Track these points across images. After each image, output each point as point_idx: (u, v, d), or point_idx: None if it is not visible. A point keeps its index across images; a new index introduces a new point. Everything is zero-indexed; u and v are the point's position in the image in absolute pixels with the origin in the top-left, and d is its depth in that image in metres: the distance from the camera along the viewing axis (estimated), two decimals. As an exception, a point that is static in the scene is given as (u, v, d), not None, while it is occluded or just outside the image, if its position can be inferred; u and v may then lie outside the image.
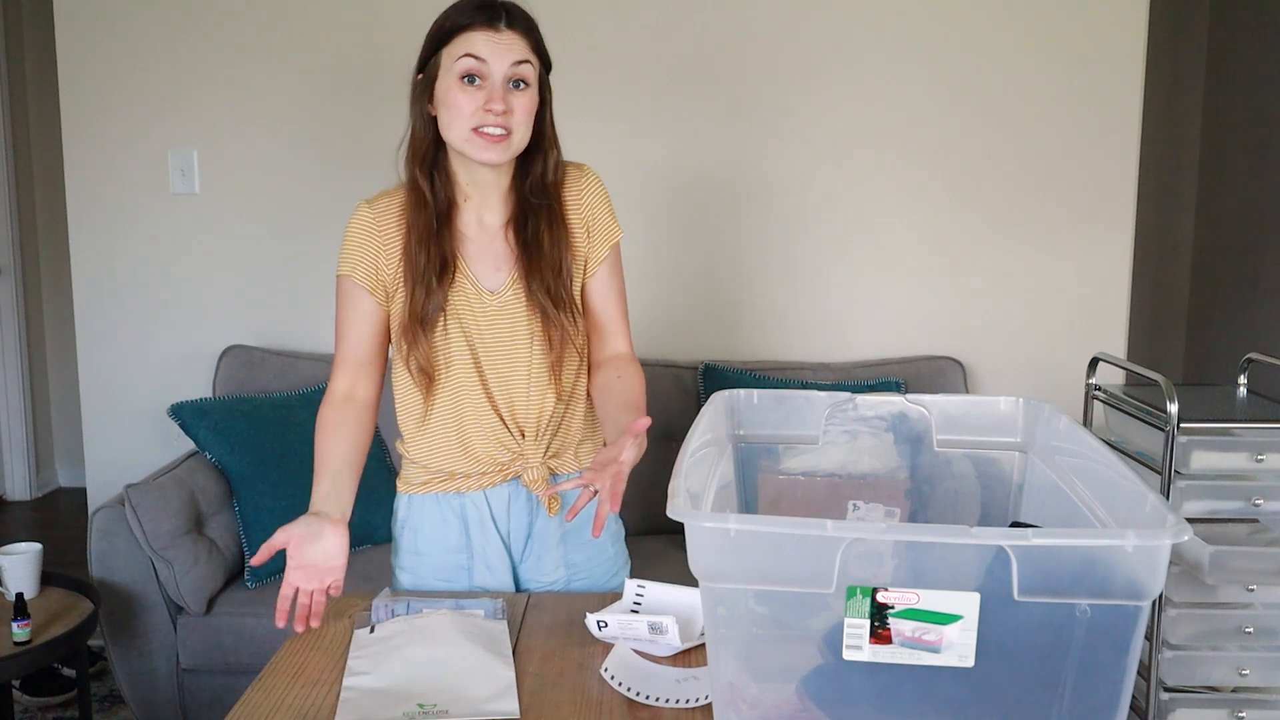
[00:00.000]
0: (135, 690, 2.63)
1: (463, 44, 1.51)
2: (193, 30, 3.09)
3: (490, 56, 1.51)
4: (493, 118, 1.51)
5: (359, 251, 1.62)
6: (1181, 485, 1.74)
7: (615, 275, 1.71)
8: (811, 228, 3.16)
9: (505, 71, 1.52)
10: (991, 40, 3.07)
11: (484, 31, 1.51)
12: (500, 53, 1.51)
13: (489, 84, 1.52)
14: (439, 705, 1.28)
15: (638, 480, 2.62)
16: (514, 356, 1.63)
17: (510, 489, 1.68)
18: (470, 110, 1.52)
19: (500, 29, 1.52)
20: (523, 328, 1.63)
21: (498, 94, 1.51)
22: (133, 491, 2.53)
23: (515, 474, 1.67)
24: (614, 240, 1.70)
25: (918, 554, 1.00)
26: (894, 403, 1.43)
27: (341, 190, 3.12)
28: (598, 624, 1.45)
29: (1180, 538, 0.96)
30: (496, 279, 1.63)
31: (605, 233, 1.69)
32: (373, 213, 1.63)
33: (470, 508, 1.68)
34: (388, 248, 1.62)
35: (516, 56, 1.52)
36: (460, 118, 1.53)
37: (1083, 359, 3.07)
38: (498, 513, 1.68)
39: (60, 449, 4.96)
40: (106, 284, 3.19)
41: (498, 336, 1.62)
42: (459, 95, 1.52)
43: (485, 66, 1.51)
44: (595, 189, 1.68)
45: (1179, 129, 4.24)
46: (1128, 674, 1.00)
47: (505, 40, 1.52)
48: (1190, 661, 1.74)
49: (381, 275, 1.63)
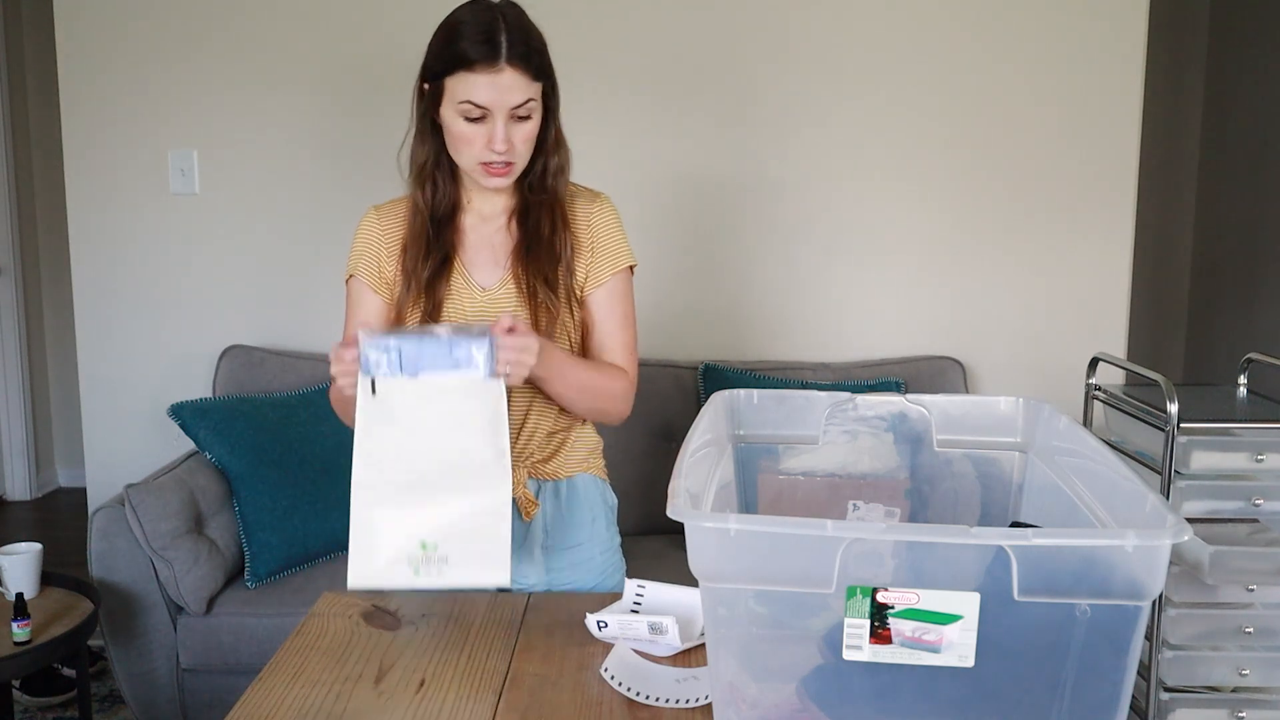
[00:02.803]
0: (135, 690, 2.63)
1: (464, 87, 1.52)
2: (193, 30, 3.09)
3: (490, 103, 1.52)
4: (496, 155, 1.55)
5: (364, 251, 1.69)
6: (1181, 485, 1.74)
7: (620, 300, 1.69)
8: (812, 228, 3.16)
9: (507, 111, 1.53)
10: (991, 40, 3.07)
11: (485, 74, 1.51)
12: (501, 98, 1.52)
13: (491, 122, 1.54)
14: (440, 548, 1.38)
15: (638, 480, 2.63)
16: None
17: None
18: (475, 145, 1.55)
19: (501, 68, 1.51)
20: None
21: (500, 135, 1.54)
22: (133, 491, 2.53)
23: None
24: (620, 266, 1.68)
25: (918, 554, 1.00)
26: (894, 403, 1.43)
27: (341, 190, 3.12)
28: (598, 624, 1.45)
29: (1180, 538, 0.96)
30: (492, 274, 1.65)
31: (611, 256, 1.68)
32: (378, 215, 1.70)
33: None
34: (391, 248, 1.67)
35: (517, 100, 1.53)
36: (466, 150, 1.57)
37: (1083, 359, 3.06)
38: None
39: (60, 449, 4.96)
40: (106, 284, 3.19)
41: None
42: (464, 128, 1.55)
43: (486, 110, 1.53)
44: (607, 215, 1.69)
45: (1179, 129, 4.24)
46: (1128, 674, 1.00)
47: (505, 81, 1.52)
48: (1190, 661, 1.74)
49: (384, 273, 1.68)
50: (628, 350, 1.70)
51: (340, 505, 2.79)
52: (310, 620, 1.55)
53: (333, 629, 1.52)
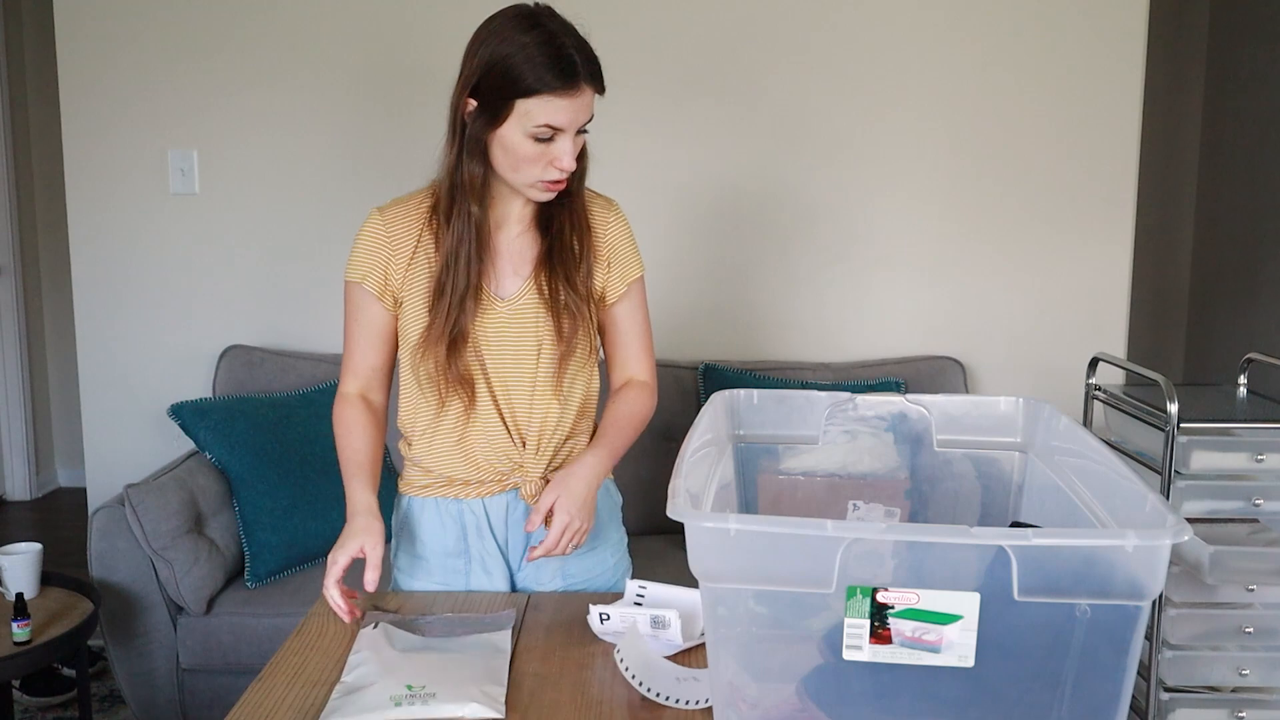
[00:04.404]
0: (135, 690, 2.63)
1: (542, 111, 1.47)
2: (193, 30, 3.09)
3: (566, 124, 1.50)
4: (560, 173, 1.53)
5: (369, 258, 1.61)
6: (1181, 485, 1.75)
7: (637, 309, 1.72)
8: (811, 228, 3.16)
9: (576, 128, 1.52)
10: (991, 40, 3.07)
11: (564, 98, 1.47)
12: (577, 117, 1.50)
13: (560, 141, 1.51)
14: (427, 688, 1.29)
15: (638, 480, 2.63)
16: (520, 365, 1.62)
17: (509, 499, 1.68)
18: (539, 164, 1.52)
19: (581, 89, 1.49)
20: (530, 336, 1.62)
21: (569, 155, 1.51)
22: (133, 491, 2.53)
23: (515, 485, 1.67)
24: (634, 276, 1.70)
25: (918, 554, 1.00)
26: (894, 403, 1.43)
27: (341, 190, 3.13)
28: (600, 616, 1.45)
29: (1180, 538, 0.96)
30: (513, 284, 1.62)
31: (626, 267, 1.69)
32: (383, 220, 1.62)
33: (468, 514, 1.68)
34: (397, 255, 1.61)
35: (587, 118, 1.52)
36: (528, 169, 1.52)
37: (1083, 359, 3.07)
38: (495, 521, 1.68)
39: (60, 449, 4.96)
40: (106, 284, 3.19)
41: (504, 345, 1.61)
42: (530, 149, 1.50)
43: (560, 130, 1.50)
44: (621, 225, 1.70)
45: (1179, 129, 4.24)
46: (1128, 674, 1.00)
47: (582, 102, 1.50)
48: (1190, 661, 1.75)
49: (390, 282, 1.62)
50: (647, 356, 1.73)
51: (340, 505, 2.80)
52: (310, 620, 1.55)
53: (333, 629, 1.51)
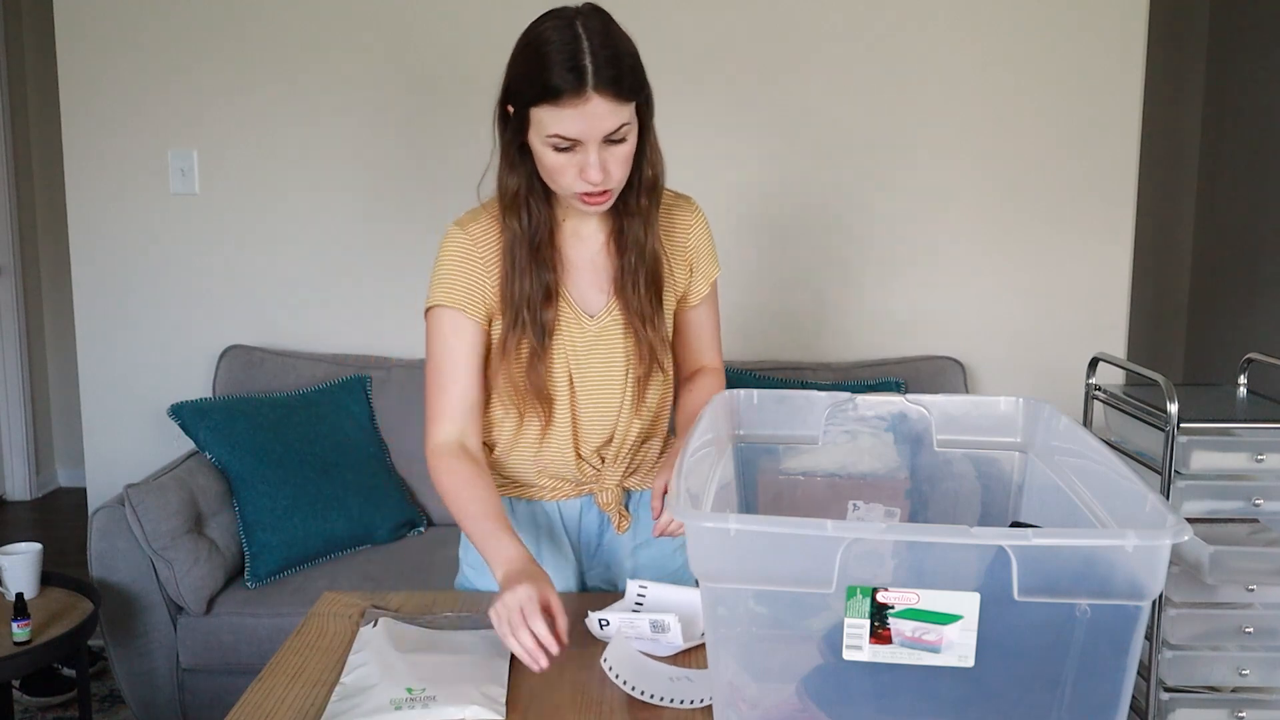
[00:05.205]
0: (135, 690, 2.63)
1: (550, 120, 1.38)
2: (193, 31, 3.09)
3: (581, 134, 1.39)
4: (591, 185, 1.43)
5: (463, 277, 1.52)
6: (1181, 485, 1.74)
7: (713, 307, 1.71)
8: (811, 228, 3.16)
9: (599, 139, 1.40)
10: (991, 41, 3.07)
11: (571, 106, 1.36)
12: (591, 127, 1.38)
13: (583, 151, 1.41)
14: (427, 690, 1.29)
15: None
16: (609, 380, 1.59)
17: (583, 502, 1.67)
18: (568, 175, 1.43)
19: (588, 97, 1.36)
20: (619, 352, 1.59)
21: (594, 165, 1.40)
22: (133, 491, 2.53)
23: (590, 491, 1.65)
24: (715, 275, 1.69)
25: (918, 554, 1.00)
26: (894, 403, 1.43)
27: (342, 190, 3.13)
28: (599, 622, 1.45)
29: (1180, 538, 0.96)
30: (597, 301, 1.58)
31: (707, 270, 1.67)
32: (469, 236, 1.53)
33: (541, 515, 1.67)
34: (490, 271, 1.53)
35: (609, 127, 1.39)
36: (560, 179, 1.44)
37: (1083, 359, 3.06)
38: (569, 522, 1.67)
39: (60, 449, 4.96)
40: (106, 284, 3.19)
41: (593, 361, 1.58)
42: (554, 159, 1.42)
43: (576, 141, 1.40)
44: (702, 227, 1.66)
45: (1179, 129, 4.25)
46: (1128, 674, 1.00)
47: (594, 110, 1.37)
48: (1190, 661, 1.74)
49: (488, 301, 1.53)
50: (719, 347, 1.74)
51: (340, 505, 2.81)
52: (310, 620, 1.55)
53: (333, 629, 1.51)
